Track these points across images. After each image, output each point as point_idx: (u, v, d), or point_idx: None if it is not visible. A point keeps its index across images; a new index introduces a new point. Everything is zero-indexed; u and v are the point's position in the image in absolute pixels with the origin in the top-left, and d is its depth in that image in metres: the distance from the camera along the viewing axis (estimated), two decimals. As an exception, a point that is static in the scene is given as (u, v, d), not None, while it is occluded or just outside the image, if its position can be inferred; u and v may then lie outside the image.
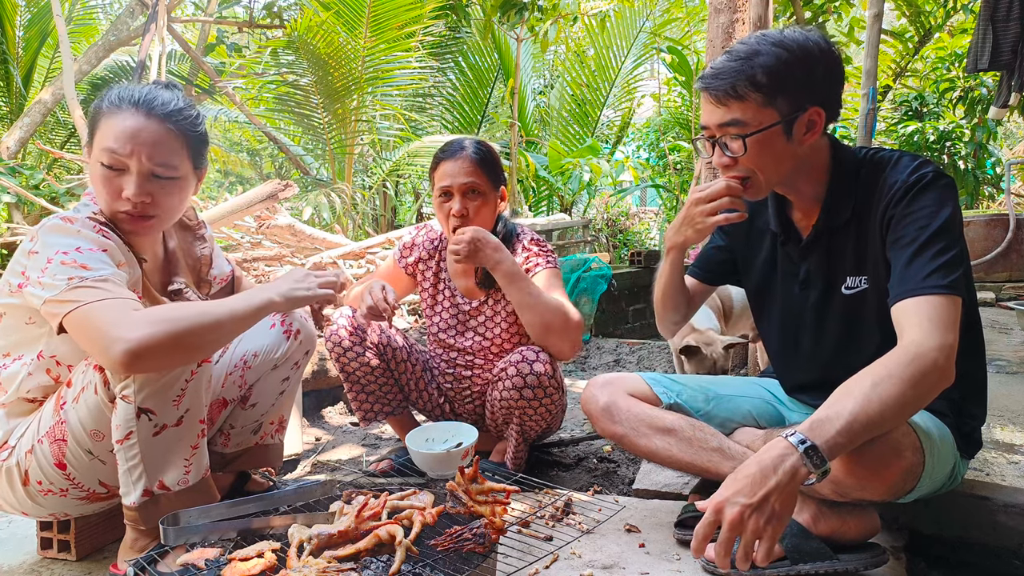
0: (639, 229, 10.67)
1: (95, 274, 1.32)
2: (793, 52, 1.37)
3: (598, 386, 1.72)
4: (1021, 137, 13.35)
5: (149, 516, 1.39)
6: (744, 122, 1.39)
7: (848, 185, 1.48)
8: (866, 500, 1.30)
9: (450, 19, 8.11)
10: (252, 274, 4.30)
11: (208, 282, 1.77)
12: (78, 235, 1.38)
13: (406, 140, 7.81)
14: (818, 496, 1.39)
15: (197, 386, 1.40)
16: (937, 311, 1.25)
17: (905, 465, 1.26)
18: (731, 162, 1.44)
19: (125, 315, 1.27)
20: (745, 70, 1.37)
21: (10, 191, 5.39)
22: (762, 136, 1.39)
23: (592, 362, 4.29)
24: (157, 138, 1.45)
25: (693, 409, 1.68)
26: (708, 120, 1.45)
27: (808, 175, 1.49)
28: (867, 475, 1.26)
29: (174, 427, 1.38)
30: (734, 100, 1.39)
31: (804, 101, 1.39)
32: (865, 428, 1.18)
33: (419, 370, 2.27)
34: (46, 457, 1.43)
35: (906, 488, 1.30)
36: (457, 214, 2.04)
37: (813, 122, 1.42)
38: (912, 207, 1.36)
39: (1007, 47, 3.99)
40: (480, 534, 1.22)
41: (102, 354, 1.27)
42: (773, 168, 1.44)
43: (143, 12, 7.10)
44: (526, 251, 2.15)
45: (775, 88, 1.37)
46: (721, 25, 3.52)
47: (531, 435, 2.09)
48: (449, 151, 2.09)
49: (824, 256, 1.53)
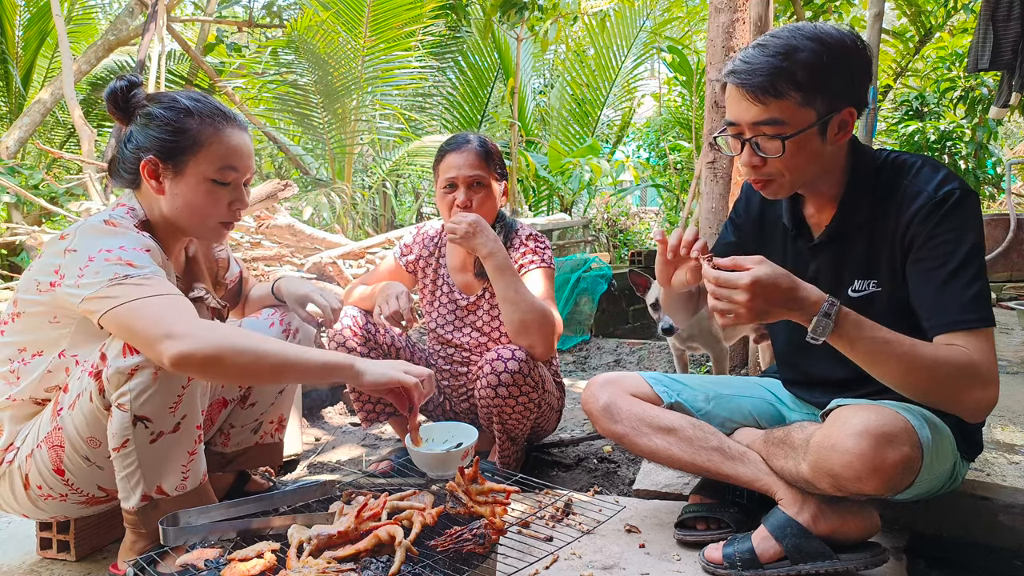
0: (639, 229, 10.66)
1: (141, 272, 1.32)
2: (832, 49, 1.33)
3: (598, 385, 1.71)
4: (1022, 137, 13.34)
5: (148, 520, 1.39)
6: (782, 121, 1.34)
7: (866, 187, 1.45)
8: (864, 494, 1.29)
9: (450, 19, 8.11)
10: (252, 274, 4.30)
11: (223, 284, 1.78)
12: (123, 235, 1.38)
13: (406, 140, 7.81)
14: (818, 492, 1.39)
15: (193, 393, 1.39)
16: (987, 345, 1.31)
17: (903, 458, 1.25)
18: (761, 162, 1.40)
19: (184, 315, 1.29)
20: (786, 67, 1.31)
21: (9, 191, 5.39)
22: (800, 137, 1.35)
23: (592, 362, 4.28)
24: (252, 150, 1.58)
25: (694, 408, 1.67)
26: (740, 117, 1.38)
27: (829, 174, 1.46)
28: (864, 469, 1.25)
29: (171, 434, 1.38)
30: (772, 98, 1.33)
31: (840, 101, 1.35)
32: (884, 355, 1.27)
33: (421, 369, 2.26)
34: (44, 463, 1.43)
35: (904, 482, 1.29)
36: (462, 205, 2.04)
37: (846, 122, 1.38)
38: (940, 228, 1.34)
39: (1008, 47, 3.99)
40: (480, 534, 1.22)
41: (151, 347, 1.27)
42: (804, 169, 1.40)
43: (142, 12, 7.09)
44: (523, 246, 2.14)
45: (815, 87, 1.32)
46: (721, 25, 3.51)
47: (516, 434, 2.07)
48: (454, 144, 2.11)
49: (834, 256, 1.51)
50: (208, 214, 1.51)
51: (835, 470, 1.28)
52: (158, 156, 1.45)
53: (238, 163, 1.50)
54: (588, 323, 4.89)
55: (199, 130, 1.46)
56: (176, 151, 1.46)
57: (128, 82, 1.50)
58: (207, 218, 1.51)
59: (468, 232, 1.94)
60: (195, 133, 1.46)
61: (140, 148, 1.47)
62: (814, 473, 1.33)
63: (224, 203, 1.51)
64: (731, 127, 1.42)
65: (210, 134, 1.47)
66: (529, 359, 1.97)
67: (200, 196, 1.48)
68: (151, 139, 1.46)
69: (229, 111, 1.54)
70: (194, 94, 1.53)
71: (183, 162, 1.46)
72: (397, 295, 2.00)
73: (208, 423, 1.73)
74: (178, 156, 1.46)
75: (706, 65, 3.68)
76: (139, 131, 1.48)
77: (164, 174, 1.47)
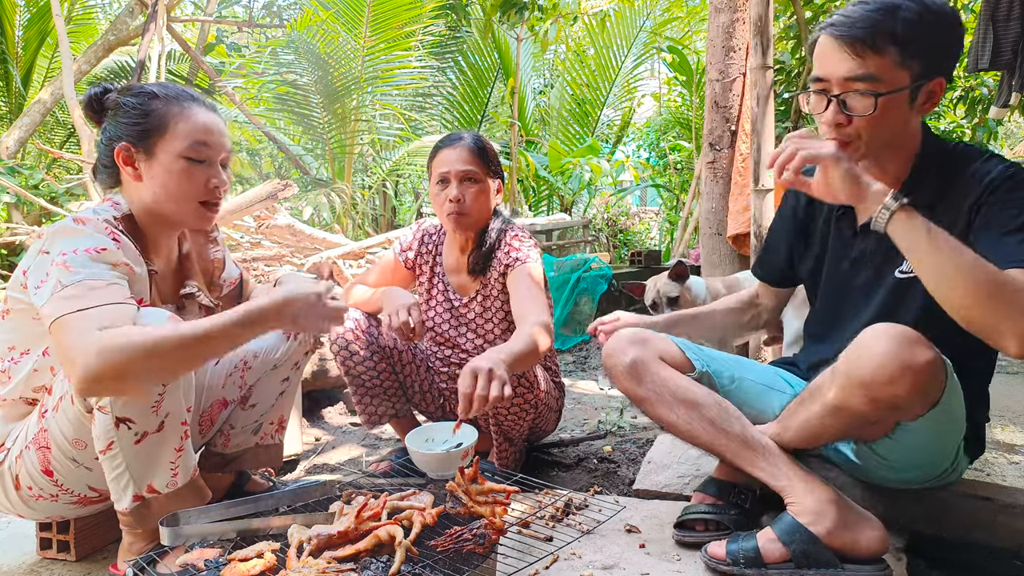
0: (639, 229, 10.67)
1: (74, 278, 1.28)
2: (934, 14, 1.31)
3: (627, 341, 1.61)
4: (1022, 137, 13.34)
5: (143, 519, 1.39)
6: (877, 78, 1.30)
7: (933, 169, 1.42)
8: (898, 402, 1.26)
9: (450, 19, 8.12)
10: (252, 274, 4.30)
11: (219, 285, 1.77)
12: (85, 235, 1.37)
13: (406, 140, 7.82)
14: (845, 420, 1.35)
15: (175, 390, 1.37)
16: None
17: (931, 359, 1.23)
18: (846, 121, 1.35)
19: (87, 335, 1.21)
20: (887, 21, 1.28)
21: (9, 191, 5.39)
22: (891, 98, 1.30)
23: (592, 362, 4.28)
24: (224, 128, 1.56)
25: (719, 385, 1.62)
26: (832, 71, 1.34)
27: (900, 150, 1.43)
28: (896, 367, 1.22)
29: (156, 433, 1.36)
30: (871, 53, 1.29)
31: (934, 68, 1.32)
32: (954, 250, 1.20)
33: (422, 371, 2.26)
34: (33, 464, 1.43)
35: (933, 388, 1.26)
36: (454, 199, 2.04)
37: (934, 92, 1.34)
38: (1007, 196, 1.32)
39: (1008, 47, 3.98)
40: (480, 535, 1.22)
41: (70, 378, 1.27)
42: (885, 135, 1.36)
43: (142, 12, 7.09)
44: (507, 246, 2.11)
45: (914, 48, 1.29)
46: (721, 25, 3.51)
47: (514, 435, 2.07)
48: (448, 141, 2.11)
49: (887, 237, 1.45)
50: (185, 194, 1.50)
51: (866, 376, 1.24)
52: (129, 141, 1.47)
53: (208, 139, 1.50)
54: (588, 323, 4.88)
55: (165, 110, 1.48)
56: (145, 133, 1.47)
57: (103, 89, 1.55)
58: (185, 198, 1.50)
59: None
60: (161, 113, 1.47)
61: (112, 138, 1.49)
62: (844, 391, 1.30)
63: (200, 181, 1.50)
64: (818, 83, 1.37)
65: (176, 112, 1.48)
66: None
67: (175, 175, 1.48)
68: (121, 127, 1.48)
69: (196, 94, 1.55)
70: (164, 83, 1.56)
71: (153, 143, 1.47)
72: (409, 307, 1.98)
73: (208, 424, 1.73)
74: (147, 138, 1.47)
75: (706, 65, 3.68)
76: (110, 123, 1.51)
77: (138, 158, 1.48)
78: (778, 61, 5.12)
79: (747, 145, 3.34)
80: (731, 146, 3.54)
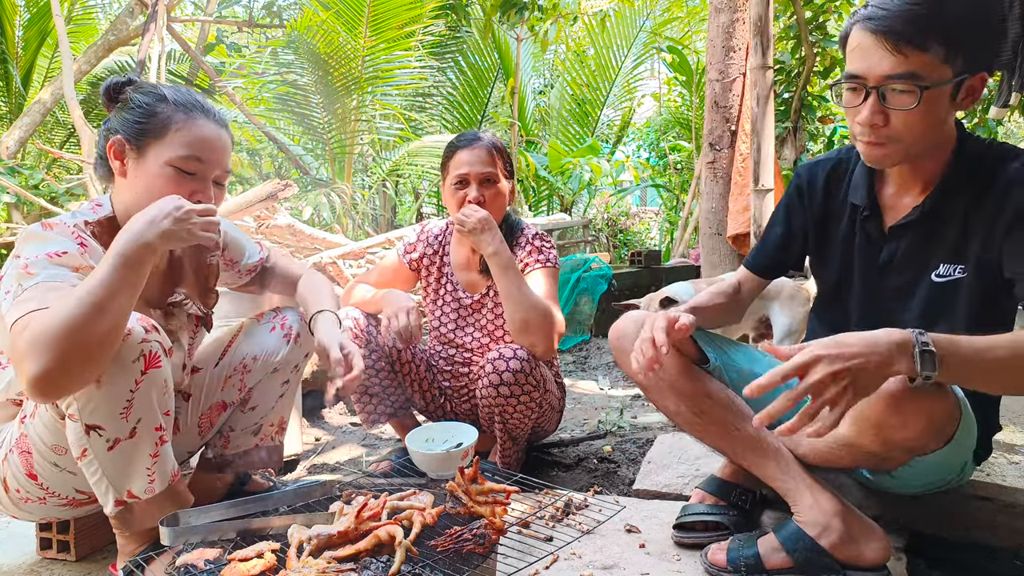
0: (639, 229, 10.67)
1: (32, 281, 1.26)
2: (981, 4, 1.25)
3: (636, 325, 1.54)
4: (1022, 137, 13.34)
5: (127, 523, 1.39)
6: (921, 76, 1.21)
7: (971, 169, 1.34)
8: (909, 444, 1.23)
9: (450, 19, 8.11)
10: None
11: (214, 292, 1.76)
12: (50, 239, 1.35)
13: (406, 140, 7.82)
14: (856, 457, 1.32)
15: (147, 395, 1.34)
16: None
17: (947, 403, 1.20)
18: (883, 121, 1.26)
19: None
20: (933, 17, 1.19)
21: (10, 191, 5.39)
22: (933, 93, 1.22)
23: (592, 362, 4.28)
24: (226, 147, 1.51)
25: (728, 379, 1.57)
26: (871, 69, 1.24)
27: (934, 151, 1.34)
28: (911, 411, 1.18)
29: (128, 440, 1.33)
30: (915, 50, 1.20)
31: (977, 63, 1.23)
32: (990, 364, 1.10)
33: (423, 370, 2.26)
34: (17, 468, 1.42)
35: (948, 428, 1.22)
36: (474, 201, 2.04)
37: (975, 88, 1.26)
38: None
39: (1008, 47, 3.98)
40: (480, 534, 1.22)
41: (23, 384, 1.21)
42: (925, 133, 1.28)
43: (142, 12, 7.09)
44: (529, 245, 2.15)
45: (960, 43, 1.20)
46: (721, 25, 3.51)
47: (518, 434, 2.07)
48: (465, 140, 2.11)
49: (920, 239, 1.39)
50: None
51: (881, 418, 1.20)
52: (125, 136, 1.46)
53: (202, 154, 1.46)
54: (588, 323, 4.89)
55: (169, 115, 1.46)
56: (142, 133, 1.45)
57: (128, 79, 1.52)
58: None
59: (476, 227, 1.94)
60: (164, 118, 1.46)
61: (110, 130, 1.48)
62: (857, 429, 1.25)
63: (183, 193, 1.42)
64: (854, 79, 1.27)
65: (179, 120, 1.46)
66: (531, 358, 1.96)
67: (160, 181, 1.43)
68: (122, 120, 1.47)
69: (210, 106, 1.52)
70: (179, 87, 1.52)
71: (146, 144, 1.45)
72: (408, 311, 1.99)
73: (207, 426, 1.73)
74: (143, 138, 1.45)
75: (706, 65, 3.68)
76: (115, 116, 1.50)
77: (128, 154, 1.46)
78: (778, 61, 5.11)
79: (747, 145, 3.34)
80: (731, 146, 3.54)
